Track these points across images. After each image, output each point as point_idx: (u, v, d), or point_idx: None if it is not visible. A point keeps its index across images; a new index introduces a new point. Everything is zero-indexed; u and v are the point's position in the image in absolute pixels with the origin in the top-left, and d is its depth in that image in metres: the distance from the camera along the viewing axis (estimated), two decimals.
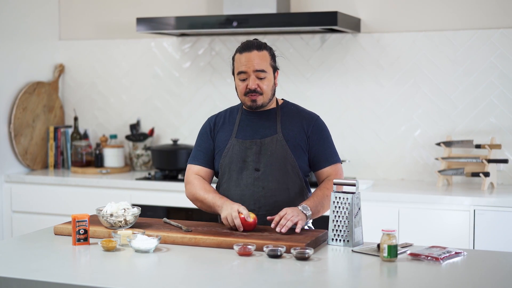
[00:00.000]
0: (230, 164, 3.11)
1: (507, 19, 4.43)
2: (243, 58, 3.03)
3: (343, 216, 2.83)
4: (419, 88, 4.63)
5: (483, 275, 2.51)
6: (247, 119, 3.16)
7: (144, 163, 5.18)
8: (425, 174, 4.65)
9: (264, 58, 3.04)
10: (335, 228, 2.85)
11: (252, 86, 3.03)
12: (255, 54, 3.02)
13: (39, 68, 5.30)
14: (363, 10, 4.72)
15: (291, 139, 3.09)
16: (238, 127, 3.14)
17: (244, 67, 3.02)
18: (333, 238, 2.85)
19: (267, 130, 3.11)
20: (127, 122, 5.32)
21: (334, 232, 2.85)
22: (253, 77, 3.02)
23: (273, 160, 3.07)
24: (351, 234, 2.82)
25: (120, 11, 5.31)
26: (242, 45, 3.08)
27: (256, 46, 3.05)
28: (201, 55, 5.12)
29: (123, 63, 5.34)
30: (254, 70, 3.02)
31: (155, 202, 4.58)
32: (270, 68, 3.06)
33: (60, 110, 5.43)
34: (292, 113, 3.16)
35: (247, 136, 3.12)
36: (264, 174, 3.07)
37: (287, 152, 3.07)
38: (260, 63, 3.02)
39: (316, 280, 2.44)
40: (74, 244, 2.78)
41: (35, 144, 5.20)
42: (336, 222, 2.85)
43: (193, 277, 2.46)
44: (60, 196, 4.83)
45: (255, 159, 3.08)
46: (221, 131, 3.17)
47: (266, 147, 3.08)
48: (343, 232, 2.83)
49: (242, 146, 3.10)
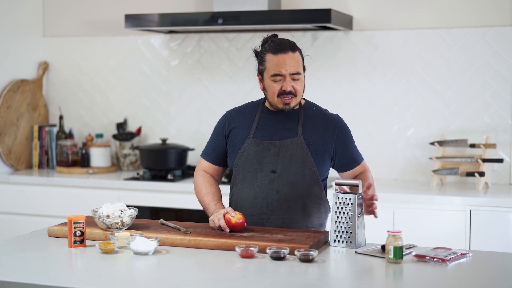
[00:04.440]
0: (245, 165, 3.02)
1: (501, 17, 4.40)
2: (279, 60, 2.93)
3: (345, 217, 2.77)
4: (412, 87, 4.59)
5: (491, 276, 2.47)
6: (268, 118, 3.06)
7: (131, 163, 5.09)
8: (418, 174, 4.61)
9: (298, 60, 2.96)
10: (338, 229, 2.79)
11: (288, 88, 2.93)
12: (290, 56, 2.94)
13: (22, 66, 5.19)
14: (355, 7, 4.67)
15: (313, 143, 3.00)
16: (257, 126, 3.05)
17: (281, 69, 2.92)
18: (335, 239, 2.79)
19: (288, 132, 3.02)
20: (114, 121, 5.22)
21: (336, 233, 2.79)
22: (288, 79, 2.93)
23: (291, 164, 2.98)
24: (354, 235, 2.76)
25: (106, 7, 5.21)
26: (275, 45, 2.96)
27: (290, 47, 2.96)
28: (190, 52, 5.04)
29: (109, 61, 5.24)
30: (290, 73, 2.93)
31: (144, 203, 4.49)
32: (302, 69, 2.99)
33: (44, 108, 5.32)
34: (315, 115, 3.06)
35: (265, 137, 3.02)
36: (280, 177, 2.98)
37: (307, 156, 2.98)
38: (295, 65, 2.94)
39: (323, 282, 2.38)
40: (70, 247, 2.70)
41: (19, 143, 5.09)
42: (339, 223, 2.78)
43: (196, 281, 2.39)
44: (46, 196, 4.72)
45: (272, 161, 2.98)
46: (238, 128, 3.07)
47: (285, 149, 2.99)
48: (346, 233, 2.77)
49: (259, 147, 3.01)
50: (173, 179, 4.61)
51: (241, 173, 3.03)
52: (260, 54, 3.01)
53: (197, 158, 4.99)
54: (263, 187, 2.99)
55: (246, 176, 3.02)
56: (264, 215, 2.98)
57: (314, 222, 3.03)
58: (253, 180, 3.00)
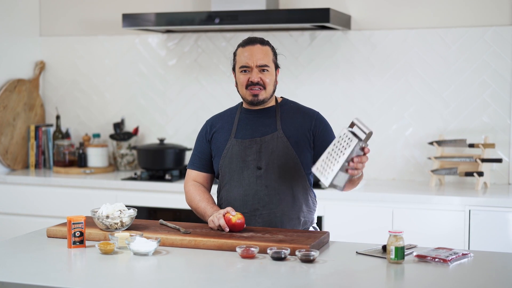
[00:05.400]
0: (230, 164, 3.04)
1: (500, 16, 4.39)
2: (246, 52, 3.00)
3: (338, 154, 2.64)
4: (410, 87, 4.57)
5: (492, 277, 2.46)
6: (246, 118, 3.10)
7: (128, 163, 5.06)
8: (416, 174, 4.60)
9: (267, 53, 3.01)
10: (325, 160, 2.66)
11: (254, 79, 2.98)
12: (258, 48, 2.99)
13: (19, 65, 5.16)
14: (354, 6, 4.65)
15: (293, 135, 3.03)
16: (237, 126, 3.08)
17: (248, 60, 2.98)
18: (317, 167, 2.67)
19: (267, 128, 3.05)
20: (111, 120, 5.20)
21: (321, 163, 2.67)
22: (256, 71, 2.98)
23: (275, 158, 3.00)
24: (333, 173, 2.62)
25: (103, 7, 5.19)
26: (245, 40, 3.04)
27: (259, 41, 3.03)
28: (187, 52, 5.01)
29: (106, 60, 5.21)
30: (257, 64, 2.98)
31: (142, 203, 4.47)
32: (272, 64, 3.03)
33: (41, 108, 5.29)
34: (292, 110, 3.11)
35: (246, 135, 3.06)
36: (266, 172, 3.00)
37: (289, 148, 3.00)
38: (263, 57, 2.99)
39: (324, 283, 2.37)
40: (70, 247, 2.68)
41: (16, 143, 5.06)
42: (330, 155, 2.66)
43: (197, 281, 2.37)
44: (42, 197, 4.70)
45: (256, 158, 3.01)
46: (219, 132, 3.11)
47: (266, 145, 3.01)
48: (328, 167, 2.64)
49: (242, 145, 3.04)
50: (171, 179, 4.59)
51: (228, 173, 3.05)
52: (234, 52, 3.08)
53: None
54: (251, 184, 3.00)
55: (233, 175, 3.04)
56: (256, 211, 3.00)
57: (305, 213, 3.05)
58: (240, 179, 3.02)
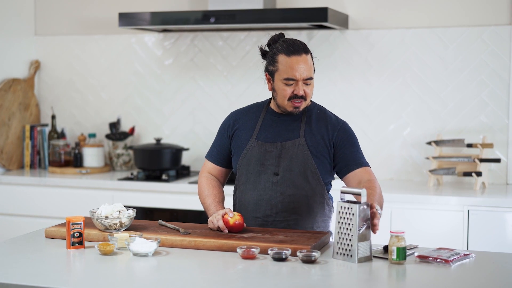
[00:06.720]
0: (248, 166, 2.98)
1: (498, 16, 4.39)
2: (293, 64, 2.86)
3: (347, 227, 2.56)
4: (408, 86, 4.56)
5: (494, 277, 2.45)
6: (271, 119, 3.01)
7: (124, 163, 5.04)
8: (414, 174, 4.58)
9: (310, 63, 2.89)
10: (340, 241, 2.58)
11: (300, 92, 2.88)
12: (304, 59, 2.86)
13: (14, 65, 5.12)
14: (351, 6, 4.64)
15: (314, 144, 2.94)
16: (260, 127, 3.01)
17: (295, 73, 2.85)
18: (337, 251, 2.59)
19: (290, 133, 2.97)
20: (106, 120, 5.17)
21: (338, 245, 2.58)
22: (301, 84, 2.88)
23: (293, 165, 2.93)
24: (355, 249, 2.53)
25: (99, 6, 5.16)
26: (288, 45, 2.89)
27: (304, 49, 2.89)
28: (184, 51, 4.99)
29: (102, 60, 5.18)
30: (303, 78, 2.87)
31: (138, 203, 4.44)
32: (313, 72, 2.94)
33: (36, 108, 5.26)
34: (319, 117, 3.00)
35: (268, 138, 2.98)
36: (283, 179, 2.94)
37: (308, 157, 2.92)
38: (309, 69, 2.88)
39: (326, 284, 2.35)
40: (69, 248, 2.65)
41: (11, 143, 5.03)
42: (341, 234, 2.58)
43: (197, 282, 2.35)
44: (38, 197, 4.67)
45: (274, 163, 2.94)
46: (242, 129, 3.03)
47: (286, 151, 2.94)
48: (347, 245, 2.56)
49: (262, 148, 2.97)
50: (168, 179, 4.56)
51: (244, 174, 3.00)
52: (271, 54, 2.93)
53: (191, 158, 4.97)
54: (266, 189, 2.95)
55: (249, 177, 2.98)
56: (269, 217, 2.95)
57: (319, 223, 3.00)
58: (256, 182, 2.97)
